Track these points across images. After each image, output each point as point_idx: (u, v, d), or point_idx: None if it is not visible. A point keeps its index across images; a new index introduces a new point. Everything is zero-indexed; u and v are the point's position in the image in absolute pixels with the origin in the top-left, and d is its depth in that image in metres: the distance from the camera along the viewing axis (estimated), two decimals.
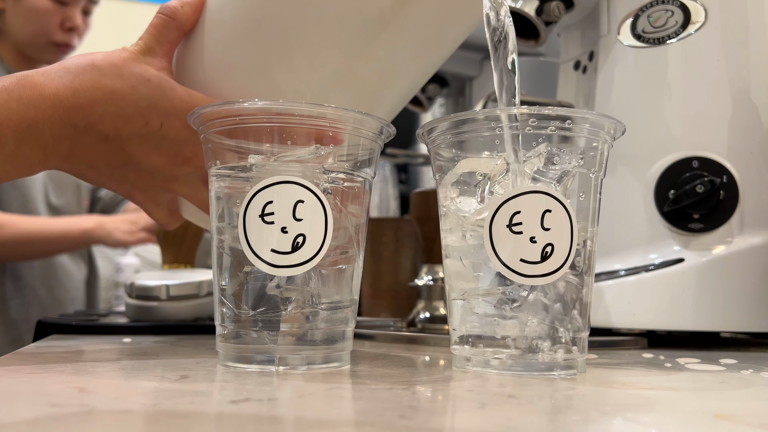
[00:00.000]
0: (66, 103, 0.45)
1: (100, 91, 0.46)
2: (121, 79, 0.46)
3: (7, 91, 0.44)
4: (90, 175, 0.50)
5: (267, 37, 0.47)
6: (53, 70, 0.46)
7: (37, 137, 0.45)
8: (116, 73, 0.46)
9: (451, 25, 0.49)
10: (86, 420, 0.26)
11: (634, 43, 0.63)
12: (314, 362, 0.40)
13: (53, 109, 0.45)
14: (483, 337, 0.41)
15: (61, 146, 0.46)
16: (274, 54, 0.47)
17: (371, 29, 0.46)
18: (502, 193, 0.40)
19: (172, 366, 0.41)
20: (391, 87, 0.51)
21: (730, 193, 0.58)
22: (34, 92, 0.44)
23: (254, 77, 0.48)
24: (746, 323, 0.57)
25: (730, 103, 0.59)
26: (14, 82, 0.44)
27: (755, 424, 0.29)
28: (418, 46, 0.49)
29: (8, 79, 0.44)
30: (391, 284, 0.83)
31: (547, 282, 0.39)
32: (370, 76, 0.49)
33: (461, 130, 0.42)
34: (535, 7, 0.65)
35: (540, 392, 0.35)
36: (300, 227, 0.39)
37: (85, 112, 0.45)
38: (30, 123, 0.44)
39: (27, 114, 0.44)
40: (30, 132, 0.44)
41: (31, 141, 0.45)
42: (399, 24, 0.46)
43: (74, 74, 0.46)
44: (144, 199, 0.53)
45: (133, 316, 0.67)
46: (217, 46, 0.49)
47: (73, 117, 0.45)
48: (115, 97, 0.46)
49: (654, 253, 0.59)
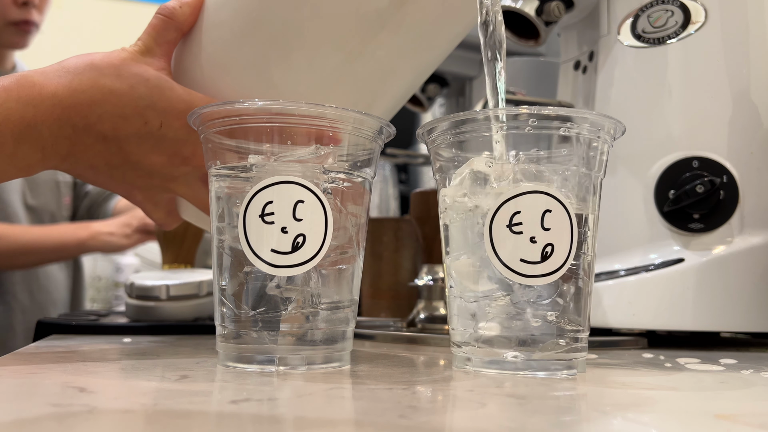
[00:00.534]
0: (65, 102, 0.45)
1: (99, 91, 0.46)
2: (119, 79, 0.46)
3: (6, 90, 0.44)
4: (89, 174, 0.50)
5: (265, 36, 0.47)
6: (52, 70, 0.46)
7: (35, 137, 0.45)
8: (115, 73, 0.46)
9: (448, 23, 0.49)
10: (86, 420, 0.26)
11: (634, 43, 0.63)
12: (314, 362, 0.40)
13: (52, 108, 0.45)
14: (483, 337, 0.40)
15: (60, 146, 0.46)
16: (272, 54, 0.47)
17: (369, 28, 0.46)
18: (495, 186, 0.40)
19: (172, 366, 0.41)
20: (390, 86, 0.51)
21: (730, 193, 0.58)
22: (33, 92, 0.44)
23: (253, 77, 0.48)
24: (746, 323, 0.57)
25: (730, 103, 0.59)
26: (13, 81, 0.44)
27: (755, 424, 0.29)
28: (417, 44, 0.49)
29: (7, 79, 0.44)
30: (391, 284, 0.83)
31: (547, 282, 0.39)
32: (369, 75, 0.49)
33: (461, 130, 0.42)
34: (535, 7, 0.65)
35: (540, 392, 0.35)
36: (300, 227, 0.39)
37: (84, 112, 0.45)
38: (29, 122, 0.44)
39: (26, 113, 0.44)
40: (29, 131, 0.44)
41: (30, 140, 0.45)
42: (397, 23, 0.46)
43: (73, 74, 0.46)
44: (143, 199, 0.53)
45: (133, 316, 0.67)
46: (215, 46, 0.49)
47: (71, 117, 0.45)
48: (114, 97, 0.46)
49: (654, 253, 0.59)
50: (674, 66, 0.61)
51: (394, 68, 0.50)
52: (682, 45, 0.61)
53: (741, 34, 0.60)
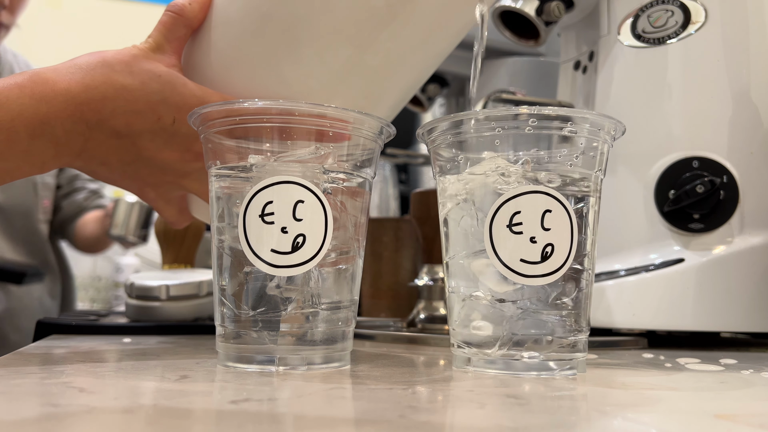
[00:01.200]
0: (78, 99, 0.45)
1: (111, 87, 0.46)
2: (131, 76, 0.46)
3: (20, 87, 0.44)
4: (102, 171, 0.50)
5: (275, 31, 0.47)
6: (64, 67, 0.46)
7: (49, 133, 0.45)
8: (126, 69, 0.47)
9: (457, 15, 0.50)
10: (86, 420, 0.26)
11: (634, 43, 0.63)
12: (314, 362, 0.40)
13: (65, 104, 0.45)
14: (483, 337, 0.40)
15: (73, 142, 0.46)
16: (282, 48, 0.47)
17: (379, 20, 0.47)
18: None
19: (172, 366, 0.41)
20: (399, 78, 0.51)
21: (730, 193, 0.58)
22: (46, 88, 0.44)
23: (263, 72, 0.49)
24: (746, 323, 0.57)
25: (730, 103, 0.59)
26: (26, 78, 0.45)
27: (755, 424, 0.29)
28: (426, 36, 0.49)
29: (20, 76, 0.45)
30: (391, 284, 0.83)
31: (547, 282, 0.39)
32: (378, 67, 0.49)
33: (461, 130, 0.42)
34: (535, 7, 0.65)
35: (540, 392, 0.35)
36: (300, 227, 0.39)
37: (97, 108, 0.46)
38: (42, 119, 0.44)
39: (39, 109, 0.44)
40: (42, 128, 0.44)
41: (44, 137, 0.45)
42: (407, 14, 0.47)
43: (85, 71, 0.46)
44: (155, 197, 0.53)
45: (133, 316, 0.67)
46: (225, 42, 0.49)
47: (84, 113, 0.45)
48: (126, 92, 0.46)
49: (654, 253, 0.59)
50: (674, 66, 0.61)
51: (404, 60, 0.50)
52: (682, 45, 0.61)
53: (741, 34, 0.60)
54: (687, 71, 0.61)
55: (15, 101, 0.44)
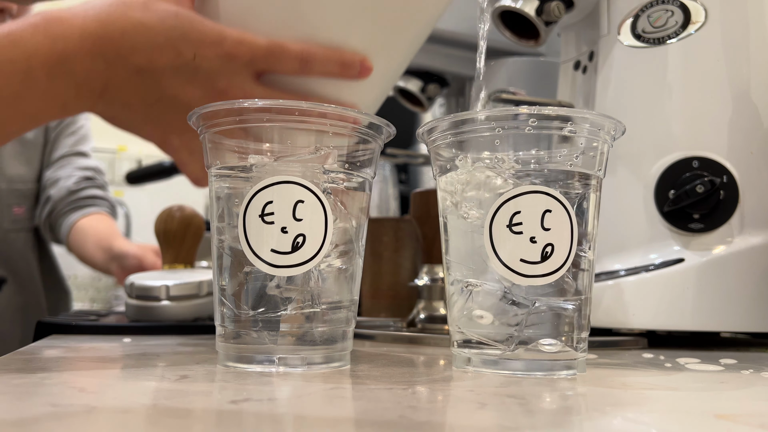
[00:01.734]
0: (95, 34, 0.45)
1: (129, 22, 0.45)
2: (149, 12, 0.46)
3: (33, 26, 0.44)
4: (124, 115, 0.49)
5: None
6: (79, 7, 0.46)
7: (68, 71, 0.44)
8: (143, 7, 0.46)
9: None
10: (86, 420, 0.26)
11: (634, 43, 0.63)
12: (314, 362, 0.40)
13: (82, 41, 0.44)
14: (483, 337, 0.40)
15: (94, 81, 0.46)
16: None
17: None
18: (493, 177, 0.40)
19: (172, 366, 0.41)
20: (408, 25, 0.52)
21: (730, 193, 0.58)
22: (62, 26, 0.44)
23: (281, 6, 0.48)
24: (746, 323, 0.57)
25: (730, 103, 0.59)
26: (40, 18, 0.44)
27: (755, 424, 0.29)
28: None
29: (34, 17, 0.44)
30: (391, 284, 0.83)
31: (547, 282, 0.39)
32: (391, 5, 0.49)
33: (461, 130, 0.42)
34: (535, 7, 0.65)
35: (540, 392, 0.35)
36: (300, 227, 0.39)
37: (116, 44, 0.45)
38: (59, 56, 0.44)
39: (55, 47, 0.44)
40: (60, 66, 0.44)
41: (63, 76, 0.44)
42: None
43: (100, 9, 0.46)
44: (179, 145, 0.52)
45: (133, 316, 0.67)
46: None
47: (103, 48, 0.45)
48: (144, 28, 0.46)
49: (654, 253, 0.59)
50: (674, 66, 0.61)
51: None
52: (682, 45, 0.61)
53: (741, 34, 0.60)
54: (687, 71, 0.61)
55: (29, 40, 0.43)
